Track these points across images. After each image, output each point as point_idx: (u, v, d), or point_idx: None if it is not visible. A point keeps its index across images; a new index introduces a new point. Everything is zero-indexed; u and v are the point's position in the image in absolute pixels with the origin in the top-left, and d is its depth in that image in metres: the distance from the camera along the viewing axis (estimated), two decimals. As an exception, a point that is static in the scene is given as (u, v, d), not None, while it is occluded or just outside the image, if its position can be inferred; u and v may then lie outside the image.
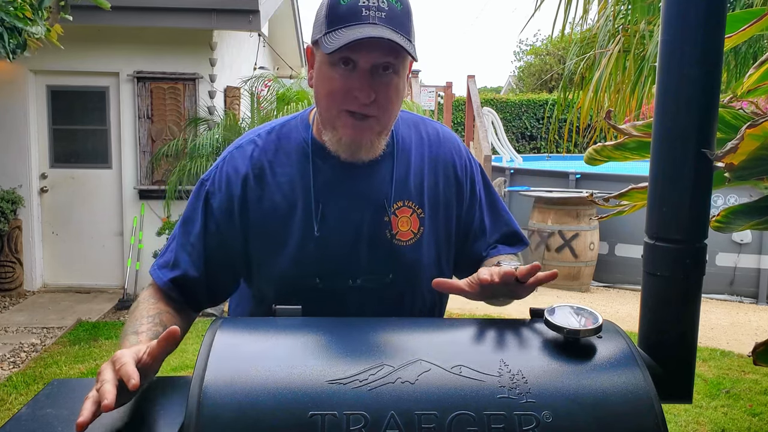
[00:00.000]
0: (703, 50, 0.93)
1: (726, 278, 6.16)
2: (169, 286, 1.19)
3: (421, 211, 1.23)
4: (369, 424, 0.76)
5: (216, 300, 1.26)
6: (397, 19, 1.08)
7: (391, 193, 1.20)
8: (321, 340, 0.90)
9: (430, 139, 1.28)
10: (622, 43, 3.95)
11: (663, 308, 0.98)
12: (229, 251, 1.21)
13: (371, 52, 1.08)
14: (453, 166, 1.28)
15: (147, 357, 0.88)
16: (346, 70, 1.10)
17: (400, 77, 1.13)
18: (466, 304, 5.02)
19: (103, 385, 0.83)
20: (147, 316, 1.10)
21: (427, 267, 1.24)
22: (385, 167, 1.21)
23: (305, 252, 1.18)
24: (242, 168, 1.20)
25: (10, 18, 3.22)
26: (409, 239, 1.21)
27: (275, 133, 1.24)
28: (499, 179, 7.65)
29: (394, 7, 1.09)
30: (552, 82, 19.51)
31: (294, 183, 1.19)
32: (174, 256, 1.21)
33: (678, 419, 3.39)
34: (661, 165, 0.97)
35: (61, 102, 5.74)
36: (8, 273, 5.60)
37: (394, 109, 1.15)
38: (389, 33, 1.06)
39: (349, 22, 1.07)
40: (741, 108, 1.92)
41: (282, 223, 1.19)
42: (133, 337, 1.04)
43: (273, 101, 5.49)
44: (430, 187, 1.25)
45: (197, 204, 1.22)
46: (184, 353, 4.23)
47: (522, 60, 25.46)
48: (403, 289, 1.23)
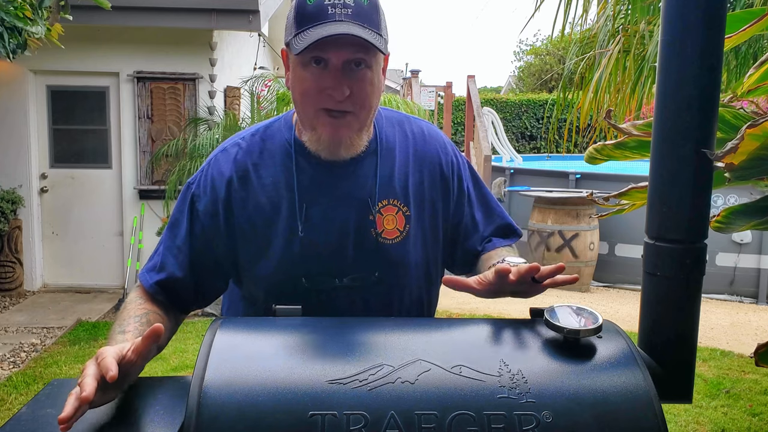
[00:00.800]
0: (703, 50, 0.93)
1: (726, 278, 6.16)
2: (155, 289, 1.20)
3: (406, 209, 1.23)
4: (369, 424, 0.76)
5: (204, 301, 1.27)
6: (364, 15, 1.09)
7: (376, 192, 1.21)
8: (321, 340, 0.90)
9: (415, 137, 1.29)
10: (622, 43, 3.95)
11: (663, 308, 0.98)
12: (215, 253, 1.22)
13: (340, 50, 1.08)
14: (438, 164, 1.28)
15: (131, 354, 0.89)
16: (318, 69, 1.10)
17: (373, 72, 1.13)
18: (466, 304, 4.98)
19: (84, 379, 0.84)
20: (134, 316, 1.11)
21: (414, 265, 1.24)
22: (369, 166, 1.22)
23: (291, 252, 1.18)
24: (227, 171, 1.21)
25: (10, 18, 3.22)
26: (395, 237, 1.21)
27: (259, 136, 1.25)
28: (499, 179, 7.65)
29: (361, 2, 1.09)
30: (552, 82, 19.52)
31: (278, 184, 1.20)
32: (161, 259, 1.22)
33: (678, 419, 3.39)
34: (661, 165, 0.97)
35: (61, 102, 5.74)
36: (8, 273, 5.60)
37: (371, 104, 1.15)
38: (356, 29, 1.07)
39: (316, 21, 1.08)
40: (741, 108, 1.92)
41: (267, 224, 1.19)
42: (119, 336, 1.05)
43: (273, 101, 5.49)
44: (416, 184, 1.25)
45: (183, 207, 1.23)
46: (184, 353, 4.23)
47: (522, 60, 25.47)
48: (391, 287, 1.23)
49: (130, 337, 1.04)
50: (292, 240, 1.18)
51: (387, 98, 5.56)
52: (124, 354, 0.89)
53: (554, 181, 7.52)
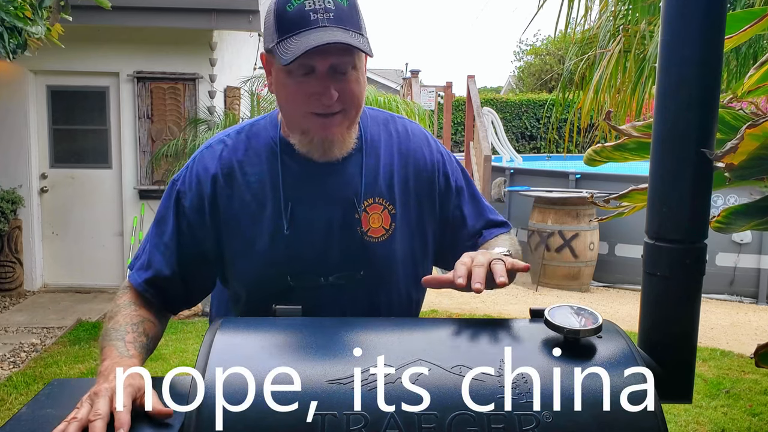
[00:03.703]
0: (703, 50, 0.93)
1: (726, 278, 6.16)
2: (144, 288, 1.20)
3: (392, 207, 1.23)
4: (369, 424, 0.76)
5: (191, 300, 1.27)
6: (345, 17, 1.09)
7: (361, 190, 1.21)
8: (321, 340, 0.90)
9: (399, 135, 1.29)
10: (623, 43, 3.95)
11: (663, 308, 0.98)
12: (202, 250, 1.22)
13: (326, 56, 1.08)
14: (423, 161, 1.28)
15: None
16: (304, 76, 1.10)
17: (358, 70, 1.14)
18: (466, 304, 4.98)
19: (96, 421, 0.84)
20: (131, 324, 1.11)
21: (401, 262, 1.24)
22: (354, 164, 1.22)
23: (276, 251, 1.18)
24: (212, 167, 1.21)
25: (10, 18, 3.22)
26: (381, 236, 1.22)
27: (245, 133, 1.25)
28: (499, 179, 7.65)
29: (341, 5, 1.09)
30: (552, 82, 19.52)
31: (263, 182, 1.20)
32: (148, 257, 1.22)
33: (678, 419, 3.39)
34: (661, 165, 0.97)
35: (61, 102, 5.74)
36: (8, 273, 5.59)
37: (359, 102, 1.16)
38: (341, 34, 1.06)
39: (299, 29, 1.07)
40: (741, 108, 1.92)
41: (252, 222, 1.19)
42: (119, 343, 1.05)
43: (273, 101, 5.49)
44: (401, 182, 1.25)
45: (169, 204, 1.23)
46: (184, 353, 4.23)
47: (522, 60, 25.47)
48: (377, 286, 1.23)
49: (132, 349, 1.04)
50: (277, 238, 1.18)
51: (387, 98, 5.56)
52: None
53: (554, 181, 7.52)
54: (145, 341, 1.10)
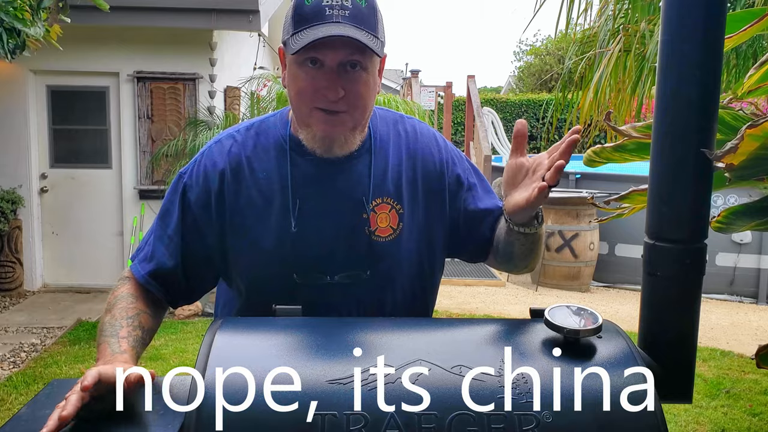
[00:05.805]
0: (703, 50, 0.93)
1: (726, 278, 6.16)
2: (146, 279, 1.20)
3: (400, 207, 1.23)
4: (369, 424, 0.76)
5: (193, 295, 1.27)
6: (361, 17, 1.10)
7: (369, 190, 1.21)
8: (321, 340, 0.90)
9: (407, 135, 1.29)
10: (623, 42, 3.95)
11: (663, 308, 0.98)
12: (206, 245, 1.22)
13: (336, 51, 1.09)
14: (431, 160, 1.28)
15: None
16: (313, 69, 1.11)
17: (369, 73, 1.14)
18: (466, 304, 4.98)
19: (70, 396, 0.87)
20: (126, 318, 1.12)
21: (407, 263, 1.24)
22: (363, 164, 1.22)
23: (282, 248, 1.18)
24: (220, 163, 1.21)
25: (9, 18, 3.22)
26: (388, 235, 1.22)
27: (254, 130, 1.26)
28: (500, 179, 7.61)
29: (359, 5, 1.10)
30: (552, 82, 19.51)
31: (271, 179, 1.20)
32: (152, 249, 1.22)
33: (678, 419, 3.39)
34: (661, 165, 0.97)
35: (61, 102, 5.74)
36: (8, 273, 5.59)
37: (365, 105, 1.16)
38: (352, 31, 1.07)
39: (313, 22, 1.09)
40: (741, 108, 1.92)
41: (259, 218, 1.19)
42: (113, 340, 1.06)
43: (273, 101, 5.49)
44: (409, 182, 1.25)
45: (174, 197, 1.23)
46: (184, 353, 4.23)
47: (522, 60, 25.47)
48: (383, 285, 1.23)
49: (125, 345, 1.05)
50: (284, 235, 1.18)
51: (387, 98, 5.56)
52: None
53: (554, 181, 7.49)
54: (140, 334, 1.10)
